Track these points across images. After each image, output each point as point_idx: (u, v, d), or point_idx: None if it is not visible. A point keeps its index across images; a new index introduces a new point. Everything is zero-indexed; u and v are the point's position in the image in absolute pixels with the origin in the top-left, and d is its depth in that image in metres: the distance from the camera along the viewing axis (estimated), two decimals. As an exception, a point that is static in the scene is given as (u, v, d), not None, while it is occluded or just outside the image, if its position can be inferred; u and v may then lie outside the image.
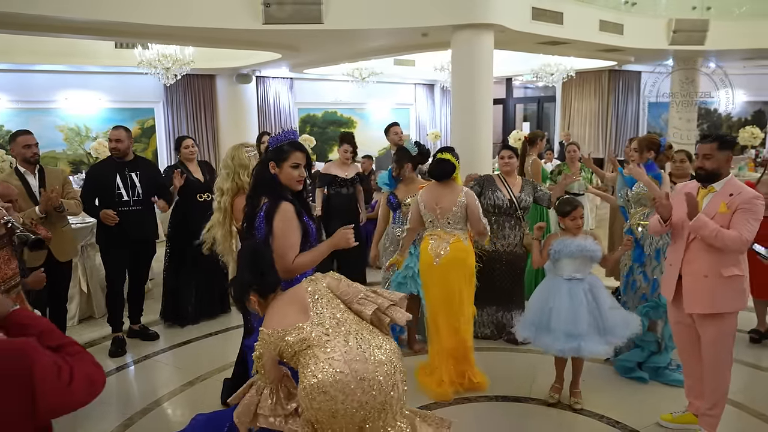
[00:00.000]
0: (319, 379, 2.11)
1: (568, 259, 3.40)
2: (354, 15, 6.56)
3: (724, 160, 2.91)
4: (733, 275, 2.88)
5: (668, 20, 9.22)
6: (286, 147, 2.64)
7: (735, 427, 3.30)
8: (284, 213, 2.55)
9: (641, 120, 14.21)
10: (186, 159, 5.04)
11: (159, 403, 3.70)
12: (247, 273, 2.40)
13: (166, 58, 8.17)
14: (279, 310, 2.36)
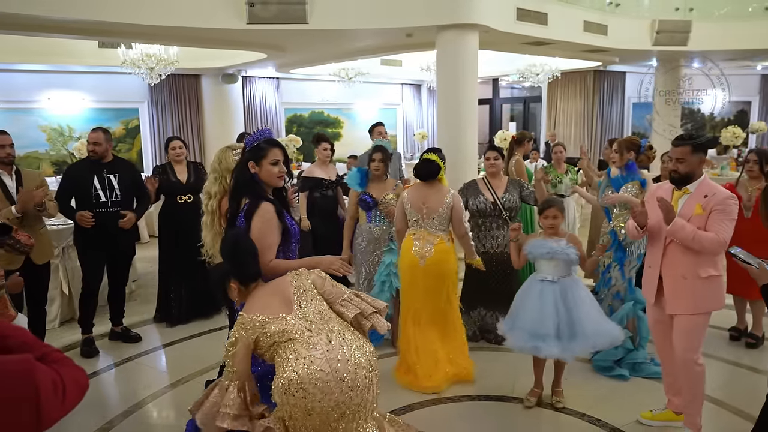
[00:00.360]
0: (299, 375, 2.11)
1: (544, 260, 3.39)
2: (339, 15, 6.56)
3: (697, 162, 2.93)
4: (710, 276, 2.91)
5: (651, 21, 9.31)
6: (263, 145, 2.67)
7: (715, 424, 3.33)
8: (264, 213, 2.55)
9: (626, 120, 14.34)
10: (173, 160, 5.02)
11: (140, 405, 3.67)
12: (228, 261, 2.42)
13: (150, 58, 8.11)
14: (261, 299, 2.37)
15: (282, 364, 2.17)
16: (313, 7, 6.36)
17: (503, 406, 3.59)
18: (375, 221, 4.28)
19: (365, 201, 4.19)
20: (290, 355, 2.17)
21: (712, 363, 4.10)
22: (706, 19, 9.42)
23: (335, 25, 6.65)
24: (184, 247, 4.98)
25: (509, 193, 4.42)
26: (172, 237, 5.05)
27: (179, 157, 5.01)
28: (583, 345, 3.27)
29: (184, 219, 4.95)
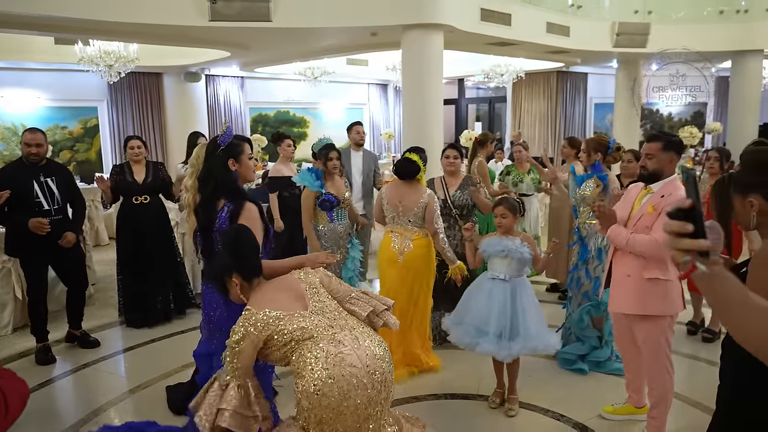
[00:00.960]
0: (331, 373, 2.03)
1: (497, 258, 3.39)
2: (303, 13, 6.50)
3: (666, 160, 2.90)
4: (654, 278, 2.86)
5: (612, 23, 9.52)
6: (237, 141, 2.68)
7: (675, 418, 3.41)
8: (249, 213, 2.53)
9: (588, 120, 14.63)
10: (132, 160, 4.90)
11: (97, 413, 3.55)
12: (230, 255, 2.31)
13: (109, 55, 7.90)
14: (268, 294, 2.28)
15: (308, 364, 2.06)
16: (277, 5, 6.28)
17: (468, 404, 3.61)
18: (339, 219, 4.23)
19: (329, 201, 4.11)
20: (317, 353, 2.06)
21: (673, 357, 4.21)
22: (664, 22, 9.68)
23: (300, 24, 6.59)
24: (142, 249, 4.90)
25: (461, 191, 4.38)
26: (129, 238, 4.92)
27: (137, 157, 4.88)
28: (522, 345, 3.25)
29: (142, 220, 4.86)
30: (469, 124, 15.47)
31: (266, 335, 2.12)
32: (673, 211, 1.05)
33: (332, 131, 14.31)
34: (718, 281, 1.07)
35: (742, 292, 1.08)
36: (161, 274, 5.02)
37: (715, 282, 1.07)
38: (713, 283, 1.08)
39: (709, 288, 1.09)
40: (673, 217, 1.05)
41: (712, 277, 1.06)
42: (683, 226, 1.03)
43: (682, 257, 1.05)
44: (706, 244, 1.03)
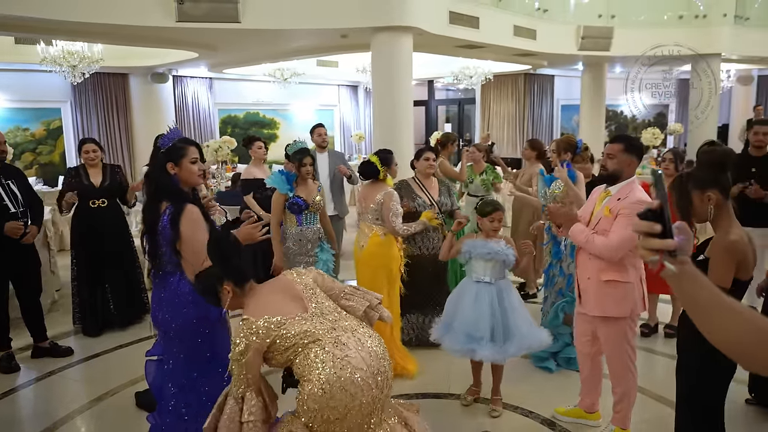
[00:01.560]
0: (339, 377, 2.04)
1: (480, 261, 3.39)
2: (272, 14, 6.47)
3: (626, 162, 2.90)
4: (610, 280, 2.89)
5: (577, 27, 9.73)
6: (180, 144, 2.60)
7: (637, 410, 3.51)
8: (190, 215, 2.48)
9: (555, 121, 14.91)
10: (87, 163, 4.79)
11: (64, 421, 3.48)
12: (219, 263, 2.28)
13: (72, 56, 7.72)
14: (265, 298, 2.25)
15: (315, 368, 2.06)
16: (245, 6, 6.24)
17: (440, 402, 3.65)
18: (306, 223, 4.20)
19: (297, 204, 4.10)
20: (323, 357, 2.07)
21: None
22: (627, 26, 9.93)
23: (269, 25, 6.56)
24: (99, 253, 4.79)
25: (443, 196, 4.44)
26: (86, 243, 4.79)
27: (93, 161, 4.77)
28: (518, 346, 3.27)
29: (99, 224, 4.75)
30: (439, 125, 15.60)
31: (269, 341, 2.10)
32: (642, 212, 1.07)
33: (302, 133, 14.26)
34: (688, 281, 1.09)
35: (713, 291, 1.09)
36: (119, 279, 4.92)
37: (684, 282, 1.09)
38: (683, 283, 1.10)
39: (680, 287, 1.11)
40: (642, 217, 1.07)
41: (681, 277, 1.08)
42: (651, 226, 1.05)
43: (650, 256, 1.07)
44: (673, 243, 1.05)
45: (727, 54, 10.48)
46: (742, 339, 1.08)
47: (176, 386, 2.56)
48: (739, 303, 1.11)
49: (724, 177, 2.34)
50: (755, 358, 1.09)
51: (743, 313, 1.09)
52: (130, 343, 4.69)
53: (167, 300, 2.56)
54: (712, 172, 2.36)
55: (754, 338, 1.07)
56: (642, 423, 3.37)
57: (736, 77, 13.85)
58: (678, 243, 1.06)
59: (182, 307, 2.53)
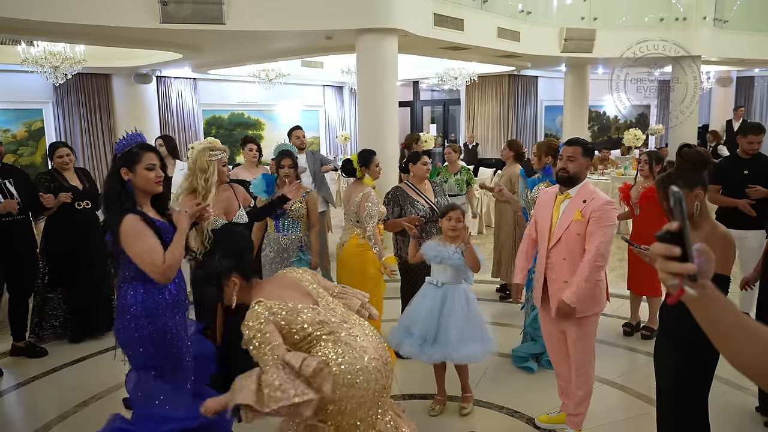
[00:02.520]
0: (359, 367, 2.11)
1: (434, 264, 3.37)
2: (257, 16, 6.47)
3: (584, 165, 2.98)
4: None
5: (560, 29, 9.83)
6: (136, 149, 2.52)
7: (617, 408, 3.58)
8: (127, 225, 2.40)
9: (539, 122, 15.03)
10: (61, 168, 4.71)
11: (49, 426, 3.46)
12: (229, 254, 2.30)
13: (54, 56, 7.64)
14: (275, 291, 2.26)
15: (331, 359, 2.10)
16: (230, 8, 6.23)
17: (427, 403, 3.67)
18: (283, 230, 4.08)
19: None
20: (341, 348, 2.12)
21: (614, 350, 4.41)
22: (609, 28, 10.05)
23: (253, 27, 6.55)
24: (82, 257, 4.70)
25: (439, 196, 4.33)
26: (68, 246, 4.67)
27: (67, 166, 4.70)
28: (442, 354, 3.25)
29: (82, 227, 4.68)
30: (424, 126, 15.65)
31: (284, 325, 2.11)
32: (661, 234, 1.03)
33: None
34: (709, 304, 1.05)
35: (734, 314, 1.06)
36: (102, 282, 4.82)
37: (706, 305, 1.05)
38: (705, 306, 1.06)
39: (701, 311, 1.07)
40: (660, 239, 1.03)
41: (703, 300, 1.05)
42: (670, 249, 1.01)
43: (670, 281, 1.03)
44: (693, 267, 1.01)
45: (706, 56, 10.66)
46: (759, 361, 1.05)
47: (143, 395, 2.50)
48: (758, 323, 1.08)
49: (705, 175, 2.41)
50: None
51: (761, 334, 1.05)
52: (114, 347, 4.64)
53: (119, 311, 2.52)
54: (697, 171, 2.42)
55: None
56: (624, 421, 3.43)
57: (715, 79, 14.08)
58: (698, 266, 1.01)
59: (129, 322, 2.48)
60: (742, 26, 10.86)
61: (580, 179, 2.99)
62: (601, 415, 3.44)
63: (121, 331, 2.53)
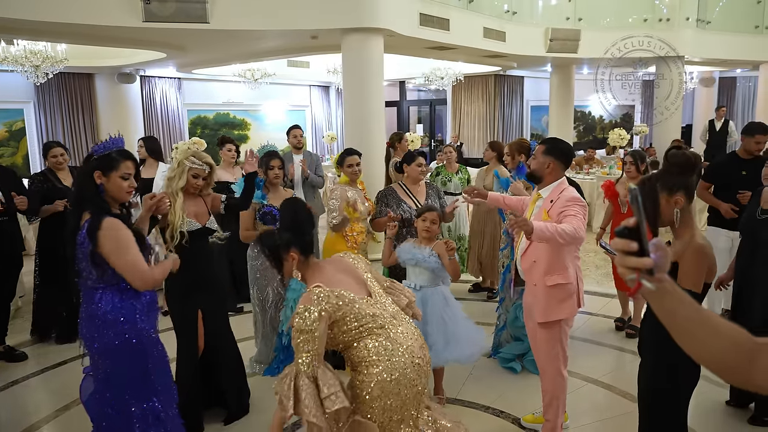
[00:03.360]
0: (405, 365, 2.11)
1: (409, 267, 3.31)
2: (241, 15, 6.42)
3: (544, 164, 2.90)
4: (556, 284, 2.88)
5: (545, 29, 9.88)
6: (115, 155, 2.46)
7: (604, 406, 3.59)
8: (110, 230, 2.32)
9: (525, 122, 15.11)
10: (55, 168, 4.66)
11: (30, 431, 3.40)
12: (289, 229, 2.29)
13: (35, 55, 7.52)
14: (331, 274, 2.22)
15: (384, 353, 2.09)
16: (214, 6, 6.17)
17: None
18: None
19: (271, 214, 3.76)
20: (389, 345, 2.11)
21: (600, 349, 4.43)
22: (594, 29, 10.12)
23: (238, 26, 6.50)
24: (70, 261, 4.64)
25: (431, 199, 4.16)
26: (58, 248, 4.64)
27: (61, 165, 4.65)
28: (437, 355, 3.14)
29: None
30: (410, 126, 15.66)
31: (339, 315, 2.06)
32: (619, 230, 1.06)
33: (274, 133, 14.16)
34: (666, 297, 1.08)
35: (692, 307, 1.09)
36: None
37: (664, 297, 1.08)
38: (663, 299, 1.09)
39: (659, 305, 1.10)
40: (619, 235, 1.06)
41: (660, 294, 1.08)
42: (628, 244, 1.04)
43: (629, 275, 1.06)
44: (650, 262, 1.04)
45: (689, 56, 10.77)
46: (722, 355, 1.08)
47: (107, 406, 2.42)
48: (719, 317, 1.11)
49: (691, 181, 2.38)
50: (735, 372, 1.10)
51: (721, 327, 1.09)
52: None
53: (88, 317, 2.42)
54: (681, 176, 2.39)
55: (734, 354, 1.07)
56: (609, 420, 3.44)
57: (698, 79, 14.24)
58: (655, 261, 1.04)
59: (103, 328, 2.38)
60: (724, 27, 11.00)
61: (543, 177, 2.94)
62: (587, 414, 3.46)
63: (90, 339, 2.42)
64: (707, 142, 11.53)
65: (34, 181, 4.60)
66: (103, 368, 2.43)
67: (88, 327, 2.42)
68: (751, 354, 1.06)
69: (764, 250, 3.11)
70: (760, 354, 1.06)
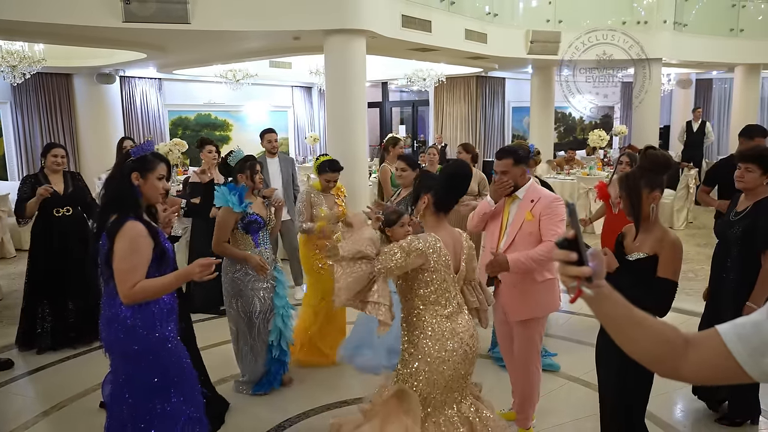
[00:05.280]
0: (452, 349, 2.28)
1: None
2: (222, 15, 6.38)
3: (519, 174, 3.02)
4: (546, 279, 2.99)
5: (526, 31, 9.98)
6: (152, 157, 2.49)
7: (583, 405, 3.63)
8: (129, 232, 2.31)
9: (507, 123, 15.22)
10: (51, 169, 4.56)
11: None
12: (444, 180, 2.47)
13: (11, 55, 7.39)
14: (446, 238, 2.37)
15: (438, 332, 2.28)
16: (195, 7, 6.13)
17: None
18: (264, 243, 3.72)
19: (257, 222, 3.60)
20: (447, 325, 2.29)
21: (580, 347, 4.46)
22: (574, 31, 10.23)
23: (219, 26, 6.46)
24: (62, 266, 4.56)
25: (403, 203, 4.11)
26: (48, 255, 4.54)
27: (59, 167, 4.58)
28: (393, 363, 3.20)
29: (64, 233, 4.53)
30: (393, 126, 15.69)
31: (430, 266, 2.27)
32: (559, 241, 1.15)
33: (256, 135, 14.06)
34: (604, 302, 1.18)
35: (626, 307, 1.18)
36: (83, 291, 4.67)
37: (602, 302, 1.18)
38: (601, 303, 1.18)
39: (598, 309, 1.19)
40: (559, 246, 1.15)
41: (599, 299, 1.17)
42: (568, 255, 1.13)
43: (570, 283, 1.15)
44: (588, 270, 1.12)
45: (666, 58, 10.95)
46: (652, 349, 1.18)
47: (127, 407, 2.41)
48: (650, 316, 1.20)
49: (664, 179, 2.46)
50: (664, 365, 1.18)
51: (653, 326, 1.18)
52: (76, 355, 4.53)
53: (107, 321, 2.40)
54: (659, 173, 2.46)
55: (663, 349, 1.17)
56: (590, 417, 3.48)
57: (675, 81, 14.48)
58: (593, 269, 1.12)
59: (122, 332, 2.36)
60: (700, 30, 11.21)
61: (521, 184, 3.06)
62: (567, 412, 3.51)
63: (115, 343, 2.39)
64: (685, 143, 11.74)
65: (26, 182, 4.52)
66: (123, 372, 2.42)
67: (107, 331, 2.40)
68: (680, 349, 1.15)
69: (733, 249, 3.17)
70: (689, 348, 1.15)
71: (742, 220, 3.11)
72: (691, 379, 1.18)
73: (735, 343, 1.08)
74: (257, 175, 3.69)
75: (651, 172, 2.44)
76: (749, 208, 3.10)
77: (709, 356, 1.12)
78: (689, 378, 1.18)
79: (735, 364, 1.08)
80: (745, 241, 3.08)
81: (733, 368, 1.08)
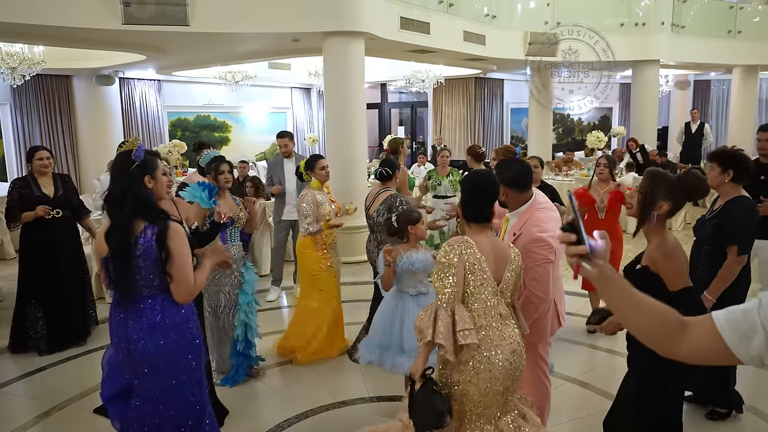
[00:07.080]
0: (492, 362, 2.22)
1: (410, 272, 3.21)
2: (222, 18, 6.41)
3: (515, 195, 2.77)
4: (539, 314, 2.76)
5: (524, 33, 10.01)
6: (150, 157, 2.50)
7: (579, 405, 3.66)
8: (178, 233, 2.35)
9: (505, 124, 15.26)
10: (38, 172, 4.56)
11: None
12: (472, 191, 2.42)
13: (11, 57, 7.43)
14: (486, 246, 2.29)
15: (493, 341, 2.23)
16: (194, 9, 6.16)
17: (396, 405, 3.69)
18: (231, 241, 3.81)
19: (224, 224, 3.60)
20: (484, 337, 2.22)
21: (576, 348, 4.51)
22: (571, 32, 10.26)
23: (218, 28, 6.49)
24: (52, 269, 4.56)
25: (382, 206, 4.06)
26: (38, 258, 4.54)
27: (46, 169, 4.56)
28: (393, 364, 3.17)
29: (53, 236, 4.54)
30: (392, 128, 15.72)
31: (467, 275, 2.21)
32: (563, 226, 1.32)
33: (255, 136, 14.16)
34: (607, 282, 1.30)
35: (625, 288, 1.31)
36: (70, 295, 4.67)
37: (605, 283, 1.31)
38: (605, 285, 1.31)
39: (602, 289, 1.33)
40: (563, 230, 1.32)
41: (601, 279, 1.30)
42: (568, 236, 1.30)
43: (571, 260, 1.31)
44: (584, 248, 1.28)
45: (665, 60, 10.99)
46: (651, 329, 1.31)
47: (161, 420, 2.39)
48: (651, 299, 1.30)
49: (683, 201, 2.46)
50: (662, 343, 1.29)
51: (651, 308, 1.30)
52: (75, 357, 4.55)
53: (147, 326, 2.33)
54: (685, 197, 2.49)
55: (661, 329, 1.29)
56: (586, 418, 3.51)
57: (673, 82, 14.51)
58: (592, 247, 1.28)
59: (166, 330, 2.34)
60: (698, 31, 11.25)
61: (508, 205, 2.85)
62: (564, 413, 3.52)
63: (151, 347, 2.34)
64: (683, 144, 11.77)
65: (15, 186, 4.52)
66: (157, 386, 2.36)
67: (150, 339, 2.32)
68: (677, 331, 1.27)
69: (705, 246, 3.30)
70: (686, 330, 1.26)
71: (713, 219, 3.25)
72: (689, 358, 1.27)
73: (725, 328, 1.19)
74: (222, 175, 3.77)
75: (680, 190, 2.43)
76: (720, 207, 3.24)
77: (702, 339, 1.23)
78: (687, 357, 1.27)
79: (725, 346, 1.18)
80: (714, 238, 3.21)
81: (723, 350, 1.19)
